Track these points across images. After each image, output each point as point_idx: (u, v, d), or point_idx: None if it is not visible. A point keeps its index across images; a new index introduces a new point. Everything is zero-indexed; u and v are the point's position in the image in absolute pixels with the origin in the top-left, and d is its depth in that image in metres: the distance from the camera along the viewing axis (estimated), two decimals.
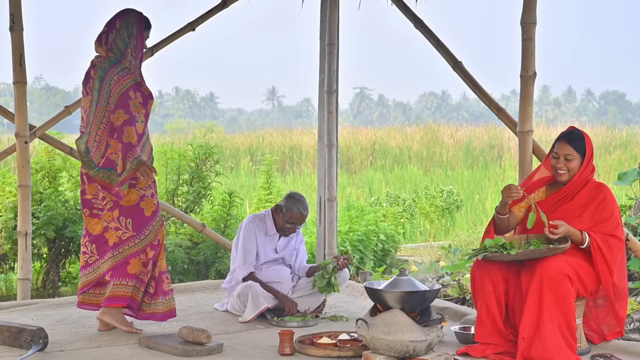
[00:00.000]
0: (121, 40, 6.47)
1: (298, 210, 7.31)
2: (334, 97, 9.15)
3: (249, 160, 27.30)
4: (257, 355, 5.90)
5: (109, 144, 6.30)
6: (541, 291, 5.50)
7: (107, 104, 6.30)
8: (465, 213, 18.05)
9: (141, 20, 6.56)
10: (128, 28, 6.49)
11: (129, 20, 6.52)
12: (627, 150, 27.21)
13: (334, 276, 7.17)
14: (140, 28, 6.53)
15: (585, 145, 5.92)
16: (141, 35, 6.54)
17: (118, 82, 6.34)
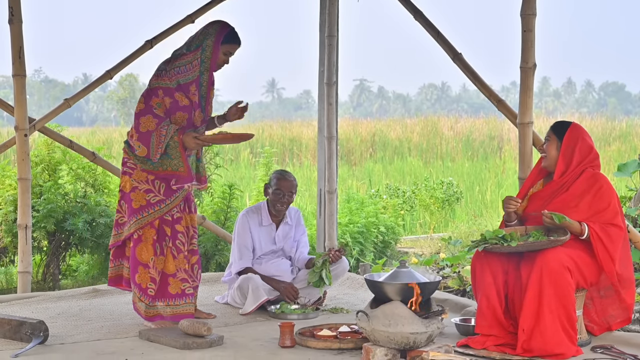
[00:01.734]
0: (193, 43, 6.48)
1: (283, 177, 7.31)
2: (333, 89, 9.15)
3: (249, 152, 27.28)
4: (257, 347, 5.90)
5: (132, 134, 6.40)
6: (541, 283, 5.50)
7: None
8: (465, 205, 18.05)
9: (222, 32, 6.50)
10: (203, 37, 6.48)
11: (209, 31, 6.50)
12: (627, 141, 27.20)
13: (325, 270, 7.17)
14: (217, 41, 6.47)
15: (565, 130, 5.98)
16: (217, 49, 6.48)
17: (159, 76, 6.38)
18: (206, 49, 6.44)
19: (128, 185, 6.45)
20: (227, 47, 6.55)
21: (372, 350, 5.30)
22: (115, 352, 5.78)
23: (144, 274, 6.37)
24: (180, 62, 6.44)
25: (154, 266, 6.37)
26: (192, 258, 6.68)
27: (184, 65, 6.44)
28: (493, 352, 5.57)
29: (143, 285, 6.37)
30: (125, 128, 39.20)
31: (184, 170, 6.33)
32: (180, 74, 6.43)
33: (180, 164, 6.32)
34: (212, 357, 5.62)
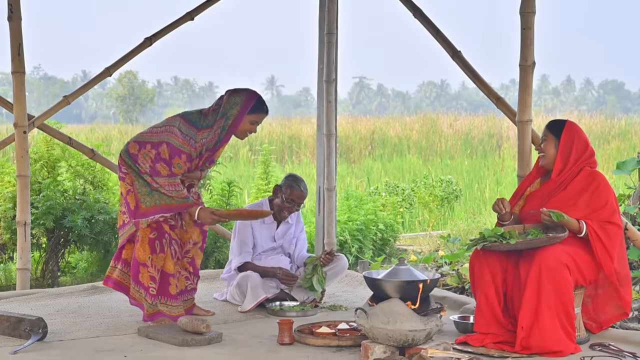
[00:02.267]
0: (219, 111, 6.49)
1: (298, 187, 7.33)
2: (332, 86, 9.14)
3: (248, 149, 27.28)
4: (256, 344, 5.90)
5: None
6: (540, 281, 5.51)
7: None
8: (464, 202, 18.05)
9: (248, 103, 6.50)
10: (229, 105, 6.49)
11: (235, 99, 6.51)
12: (626, 139, 27.21)
13: (317, 275, 7.19)
14: (244, 111, 6.48)
15: (562, 129, 5.98)
16: (240, 120, 6.48)
17: (187, 141, 6.41)
18: (229, 118, 6.46)
19: (124, 190, 6.46)
20: (254, 116, 6.55)
21: (370, 348, 5.31)
22: (114, 348, 5.78)
23: (144, 273, 6.37)
24: (206, 134, 6.47)
25: (153, 264, 6.36)
26: (189, 267, 6.72)
27: (208, 137, 6.48)
28: (491, 350, 5.57)
29: (145, 284, 6.38)
30: (124, 125, 39.21)
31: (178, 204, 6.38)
32: (204, 145, 6.49)
33: (178, 201, 6.37)
34: (211, 354, 5.62)
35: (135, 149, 6.37)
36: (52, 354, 5.59)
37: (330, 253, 7.35)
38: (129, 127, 36.22)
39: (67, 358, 5.50)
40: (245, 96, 6.50)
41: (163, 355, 5.58)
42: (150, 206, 6.30)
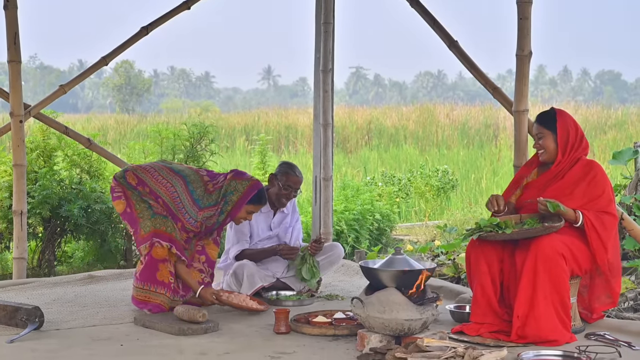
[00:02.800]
0: (220, 193, 6.56)
1: (294, 173, 7.33)
2: (329, 76, 9.14)
3: (245, 139, 27.29)
4: (252, 333, 5.91)
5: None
6: (535, 270, 5.52)
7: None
8: (460, 192, 18.06)
9: (249, 194, 6.56)
10: (230, 189, 6.55)
11: (237, 187, 6.56)
12: (623, 129, 27.22)
13: (307, 264, 7.20)
14: (243, 200, 6.54)
15: (555, 121, 5.95)
16: (239, 208, 6.55)
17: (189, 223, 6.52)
18: (229, 203, 6.54)
19: (121, 207, 6.49)
20: (252, 207, 6.65)
21: (367, 337, 5.31)
22: (111, 337, 5.79)
23: (164, 269, 6.38)
24: (207, 214, 6.54)
25: (169, 259, 6.38)
26: (201, 257, 6.75)
27: (208, 215, 6.55)
28: (487, 339, 5.58)
29: (166, 280, 6.38)
30: (120, 115, 39.19)
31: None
32: (203, 223, 6.56)
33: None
34: (207, 343, 5.63)
35: (134, 182, 6.44)
36: (48, 343, 5.60)
37: (317, 241, 7.34)
38: (125, 116, 36.20)
39: (64, 347, 5.51)
40: (247, 187, 6.58)
41: (159, 344, 5.58)
42: (150, 231, 6.35)
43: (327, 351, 5.41)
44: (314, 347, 5.53)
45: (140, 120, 31.80)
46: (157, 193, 6.44)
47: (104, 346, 5.55)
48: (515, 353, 5.19)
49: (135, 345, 5.57)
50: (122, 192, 6.53)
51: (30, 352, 5.37)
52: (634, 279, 8.55)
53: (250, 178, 6.64)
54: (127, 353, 5.37)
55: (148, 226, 6.39)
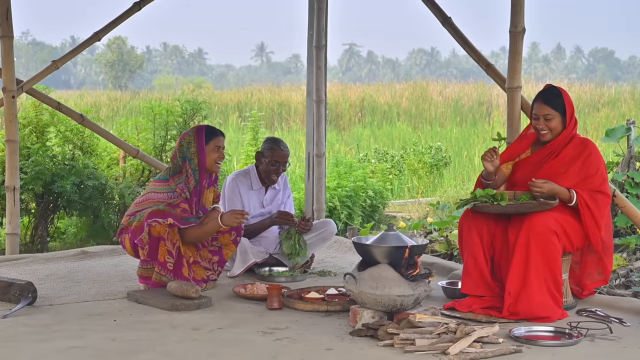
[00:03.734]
0: (179, 158, 6.56)
1: (278, 147, 7.30)
2: (322, 52, 9.12)
3: (238, 116, 27.26)
4: (245, 309, 5.92)
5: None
6: (528, 246, 5.53)
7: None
8: (453, 170, 18.10)
9: (200, 135, 6.55)
10: (184, 148, 6.55)
11: (187, 139, 6.57)
12: (616, 107, 27.25)
13: (291, 240, 7.21)
14: (200, 144, 6.52)
15: (564, 102, 5.89)
16: (202, 152, 6.53)
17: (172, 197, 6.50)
18: (192, 158, 6.52)
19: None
20: (213, 143, 6.59)
21: (359, 313, 5.33)
22: (104, 313, 5.80)
23: (162, 247, 6.35)
24: (177, 179, 6.52)
25: (169, 237, 6.33)
26: (213, 257, 6.69)
27: (181, 180, 6.51)
28: (479, 315, 5.60)
29: (161, 259, 6.35)
30: (113, 92, 39.08)
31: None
32: (183, 189, 6.49)
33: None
34: (200, 318, 5.64)
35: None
36: (41, 318, 5.60)
37: (305, 219, 7.34)
38: (118, 93, 36.12)
39: (57, 322, 5.52)
40: (194, 132, 6.58)
41: (152, 320, 5.59)
42: (143, 218, 6.33)
43: (319, 327, 5.42)
44: (307, 322, 5.54)
45: (132, 96, 31.74)
46: (142, 230, 6.37)
47: (97, 321, 5.56)
48: (507, 329, 5.21)
49: (128, 321, 5.58)
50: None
51: (24, 327, 5.38)
52: (625, 256, 8.58)
53: (192, 127, 6.66)
54: (120, 328, 5.38)
55: (142, 216, 6.37)
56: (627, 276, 7.85)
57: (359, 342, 5.03)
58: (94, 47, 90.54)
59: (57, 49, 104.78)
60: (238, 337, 5.15)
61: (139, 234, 6.29)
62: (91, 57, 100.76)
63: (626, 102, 28.13)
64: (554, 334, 5.16)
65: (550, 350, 4.85)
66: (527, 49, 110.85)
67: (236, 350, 4.84)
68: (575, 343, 4.98)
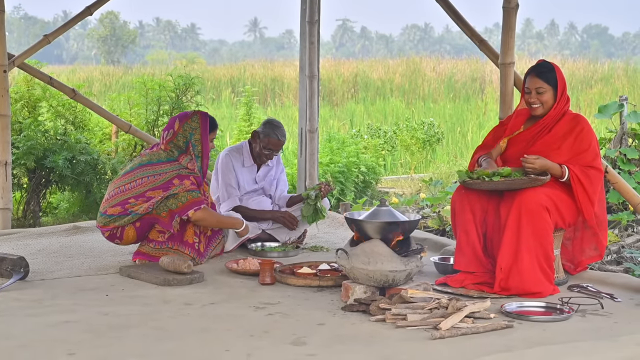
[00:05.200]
0: (181, 142, 6.54)
1: (275, 136, 7.28)
2: (315, 27, 9.09)
3: (231, 91, 27.21)
4: (237, 284, 5.93)
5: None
6: (519, 223, 5.53)
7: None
8: (446, 146, 18.10)
9: (205, 124, 6.57)
10: (188, 133, 6.54)
11: (191, 125, 6.55)
12: (609, 83, 27.25)
13: (319, 202, 7.18)
14: (205, 132, 6.56)
15: (556, 76, 5.89)
16: (206, 141, 6.57)
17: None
18: (196, 145, 6.53)
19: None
20: (212, 135, 6.70)
21: (351, 288, 5.34)
22: (96, 288, 5.80)
23: (190, 229, 6.47)
24: (186, 159, 6.52)
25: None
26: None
27: (189, 161, 6.52)
28: (471, 291, 5.61)
29: (190, 240, 6.47)
30: (105, 67, 38.97)
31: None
32: (194, 167, 6.53)
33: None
34: (192, 293, 5.65)
35: (117, 211, 6.43)
36: (34, 293, 5.60)
37: (329, 184, 7.34)
38: (111, 68, 36.03)
39: (49, 297, 5.52)
40: (199, 119, 6.58)
41: (144, 295, 5.60)
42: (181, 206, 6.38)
43: (311, 302, 5.43)
44: (299, 298, 5.55)
45: (125, 71, 31.67)
46: (140, 193, 6.39)
47: (90, 296, 5.57)
48: (498, 304, 5.23)
49: (121, 295, 5.59)
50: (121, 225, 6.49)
51: (15, 301, 5.38)
52: (617, 232, 8.61)
53: (193, 112, 6.66)
54: (112, 303, 5.38)
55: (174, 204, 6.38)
56: (618, 252, 7.87)
57: (351, 317, 5.04)
58: (86, 22, 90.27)
59: (49, 23, 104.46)
60: (230, 312, 5.16)
61: (168, 225, 6.37)
62: (83, 31, 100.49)
63: (619, 78, 28.13)
64: (545, 310, 5.18)
65: (541, 326, 4.87)
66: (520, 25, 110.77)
67: (228, 325, 4.85)
68: (567, 318, 5.00)
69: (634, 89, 25.44)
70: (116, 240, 6.47)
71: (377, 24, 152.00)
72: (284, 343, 4.50)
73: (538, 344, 4.44)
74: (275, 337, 4.60)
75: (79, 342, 4.47)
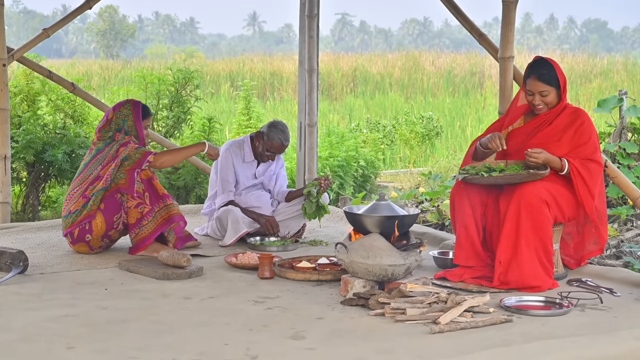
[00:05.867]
0: (112, 128, 6.63)
1: (280, 140, 7.27)
2: (314, 21, 9.08)
3: (229, 86, 27.20)
4: (236, 278, 5.93)
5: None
6: (519, 216, 5.53)
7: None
8: (445, 140, 18.10)
9: (137, 111, 6.65)
10: (120, 119, 6.61)
11: (124, 112, 6.63)
12: (608, 78, 27.24)
13: (320, 199, 7.17)
14: (138, 119, 6.63)
15: (557, 75, 5.86)
16: (140, 127, 6.66)
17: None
18: (130, 131, 6.62)
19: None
20: (146, 122, 6.77)
21: (350, 282, 5.34)
22: (95, 282, 5.79)
23: (157, 183, 6.60)
24: (121, 136, 6.60)
25: (152, 175, 6.63)
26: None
27: (125, 136, 6.61)
28: (470, 285, 5.61)
29: (163, 192, 6.62)
30: (104, 61, 38.93)
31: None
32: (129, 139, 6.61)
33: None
34: (191, 287, 5.64)
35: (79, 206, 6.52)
36: (33, 287, 5.60)
37: (328, 179, 7.33)
38: (110, 62, 35.98)
39: (48, 291, 5.51)
40: (131, 105, 6.67)
41: (143, 289, 5.60)
42: (128, 169, 6.50)
43: (310, 296, 5.43)
44: (298, 292, 5.55)
45: (124, 65, 31.64)
46: (94, 177, 6.49)
47: (89, 290, 5.56)
48: (497, 299, 5.23)
49: (120, 290, 5.59)
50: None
51: (15, 295, 5.38)
52: (616, 227, 8.61)
53: (126, 100, 6.73)
54: (111, 297, 5.38)
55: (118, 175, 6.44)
56: (618, 246, 7.88)
57: (350, 312, 5.04)
58: (85, 16, 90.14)
59: (49, 17, 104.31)
60: (229, 306, 5.16)
61: (130, 187, 6.40)
62: (82, 25, 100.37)
63: (618, 72, 28.12)
64: (545, 304, 5.18)
65: (540, 320, 4.87)
66: (519, 19, 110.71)
67: (227, 319, 4.85)
68: (566, 313, 5.00)
69: (633, 83, 25.44)
70: (87, 235, 6.49)
71: (376, 18, 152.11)
72: (283, 337, 4.50)
73: (537, 338, 4.44)
74: (274, 331, 4.60)
75: (78, 336, 4.48)
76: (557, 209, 5.66)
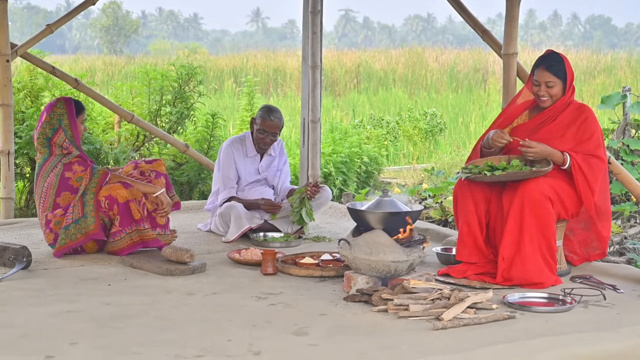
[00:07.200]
0: (48, 129, 6.53)
1: (268, 117, 7.25)
2: (318, 17, 9.06)
3: (233, 81, 27.19)
4: (239, 274, 5.93)
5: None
6: (522, 213, 5.53)
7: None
8: (448, 136, 18.08)
9: (70, 108, 6.58)
10: (56, 119, 6.54)
11: (57, 112, 6.56)
12: (612, 74, 27.21)
13: (305, 207, 7.18)
14: (72, 117, 6.57)
15: (565, 69, 5.86)
16: (75, 124, 6.58)
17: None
18: (66, 130, 6.53)
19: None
20: (81, 117, 6.69)
21: (353, 278, 5.34)
22: (98, 277, 5.80)
23: (134, 207, 6.40)
24: (59, 139, 6.51)
25: (131, 197, 6.43)
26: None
27: (64, 140, 6.51)
28: (473, 281, 5.61)
29: (137, 217, 6.43)
30: (108, 56, 38.94)
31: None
32: (70, 146, 6.52)
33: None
34: (194, 283, 5.65)
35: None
36: (36, 283, 5.61)
37: (316, 185, 7.33)
38: (113, 57, 35.99)
39: (51, 286, 5.52)
40: (63, 104, 6.58)
41: (147, 284, 5.60)
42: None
43: (313, 292, 5.44)
44: (301, 288, 5.55)
45: (128, 61, 31.64)
46: (51, 204, 6.47)
47: (92, 285, 5.57)
48: (500, 295, 5.23)
49: (123, 285, 5.59)
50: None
51: (18, 291, 5.38)
52: (620, 223, 8.60)
53: (57, 99, 6.65)
54: (114, 293, 5.39)
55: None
56: (621, 243, 7.87)
57: (352, 308, 5.04)
58: (89, 12, 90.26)
59: (52, 13, 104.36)
60: (232, 302, 5.16)
61: (100, 233, 6.35)
62: (86, 21, 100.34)
63: (622, 69, 28.10)
64: (548, 300, 5.18)
65: (543, 317, 4.87)
66: (523, 15, 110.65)
67: (230, 315, 4.85)
68: (569, 309, 5.00)
69: (637, 80, 25.41)
70: (82, 252, 6.50)
71: (380, 14, 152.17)
72: (286, 333, 4.50)
73: (540, 334, 4.45)
74: (277, 327, 4.61)
75: (81, 332, 4.48)
76: (561, 206, 5.66)
